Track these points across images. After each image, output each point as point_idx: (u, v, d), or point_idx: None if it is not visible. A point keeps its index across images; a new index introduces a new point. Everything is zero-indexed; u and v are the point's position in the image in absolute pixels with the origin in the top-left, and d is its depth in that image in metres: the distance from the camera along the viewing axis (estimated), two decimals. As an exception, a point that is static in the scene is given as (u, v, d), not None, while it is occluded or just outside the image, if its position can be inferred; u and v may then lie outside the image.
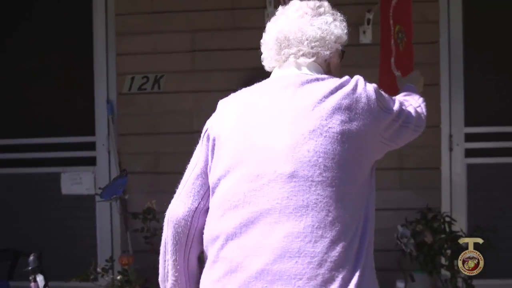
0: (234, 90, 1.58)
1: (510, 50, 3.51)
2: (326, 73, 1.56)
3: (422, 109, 1.70)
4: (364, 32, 3.39)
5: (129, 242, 3.41)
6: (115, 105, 3.58)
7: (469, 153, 3.45)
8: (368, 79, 1.53)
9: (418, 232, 3.04)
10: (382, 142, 1.50)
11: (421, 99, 1.76)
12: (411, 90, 1.88)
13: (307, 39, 1.52)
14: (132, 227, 3.40)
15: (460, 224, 3.28)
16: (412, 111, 1.62)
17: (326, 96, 1.42)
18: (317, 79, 1.48)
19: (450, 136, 3.43)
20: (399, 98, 1.67)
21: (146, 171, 3.55)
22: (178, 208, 1.51)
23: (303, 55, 1.53)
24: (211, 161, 1.49)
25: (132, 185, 3.48)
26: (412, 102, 1.69)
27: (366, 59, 3.04)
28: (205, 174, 1.51)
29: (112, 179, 3.44)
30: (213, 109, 1.58)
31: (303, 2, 1.59)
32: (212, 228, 1.44)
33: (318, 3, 1.58)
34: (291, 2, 1.61)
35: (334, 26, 1.56)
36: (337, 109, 1.40)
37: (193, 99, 3.52)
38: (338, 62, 1.62)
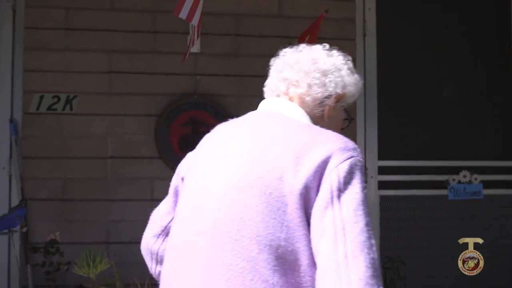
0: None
1: (418, 88, 3.77)
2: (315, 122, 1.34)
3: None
4: (285, 65, 3.45)
5: (29, 277, 3.08)
6: (20, 125, 3.26)
7: (381, 185, 3.60)
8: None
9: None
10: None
11: None
12: None
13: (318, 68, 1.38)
14: (33, 260, 3.09)
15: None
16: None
17: (282, 142, 1.21)
18: (292, 122, 1.29)
19: (365, 169, 3.58)
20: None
21: (51, 198, 3.25)
22: None
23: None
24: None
25: (36, 214, 3.19)
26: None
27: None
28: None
29: (10, 208, 3.10)
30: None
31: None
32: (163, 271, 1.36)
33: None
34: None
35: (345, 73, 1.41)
36: (284, 159, 1.17)
37: (107, 122, 3.33)
38: (335, 117, 1.39)
